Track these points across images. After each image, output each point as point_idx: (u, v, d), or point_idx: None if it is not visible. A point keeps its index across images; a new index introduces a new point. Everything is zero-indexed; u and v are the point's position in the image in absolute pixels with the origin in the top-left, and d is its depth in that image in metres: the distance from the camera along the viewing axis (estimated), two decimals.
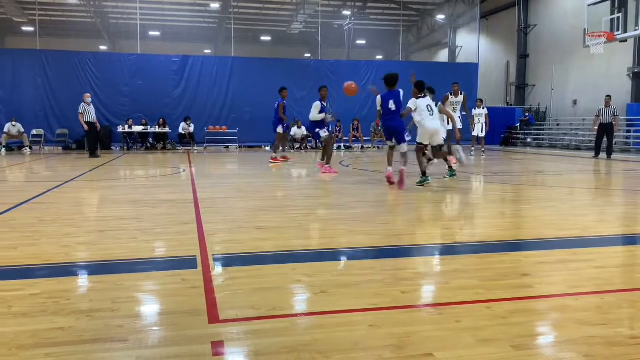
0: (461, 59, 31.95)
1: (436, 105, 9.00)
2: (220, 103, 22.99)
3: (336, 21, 33.73)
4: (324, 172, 10.45)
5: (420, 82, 8.63)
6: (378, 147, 19.59)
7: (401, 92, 8.48)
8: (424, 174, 8.16)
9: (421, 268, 3.55)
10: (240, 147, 22.57)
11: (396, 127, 8.25)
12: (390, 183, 7.99)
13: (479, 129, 16.24)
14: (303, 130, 21.61)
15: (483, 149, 16.16)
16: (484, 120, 16.22)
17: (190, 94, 22.67)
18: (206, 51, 36.35)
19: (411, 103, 8.33)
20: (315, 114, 11.23)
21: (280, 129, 13.71)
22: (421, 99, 8.39)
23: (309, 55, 37.07)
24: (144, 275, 3.38)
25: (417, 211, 6.05)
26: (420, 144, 8.32)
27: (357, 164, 13.24)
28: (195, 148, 20.93)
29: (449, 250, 4.20)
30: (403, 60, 30.92)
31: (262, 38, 38.55)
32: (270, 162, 13.39)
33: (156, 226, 4.94)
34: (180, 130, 21.23)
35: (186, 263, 3.61)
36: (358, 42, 37.54)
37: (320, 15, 28.23)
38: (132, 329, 2.42)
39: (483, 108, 16.64)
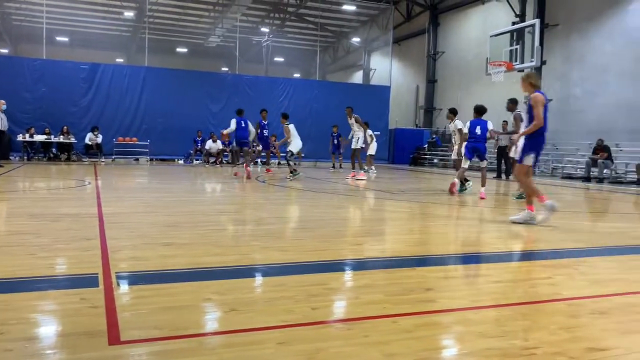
0: (375, 81, 33.07)
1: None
2: (131, 113, 22.18)
3: (254, 37, 33.78)
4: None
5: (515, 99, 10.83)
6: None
7: (489, 122, 10.32)
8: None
9: (332, 284, 3.58)
10: (151, 159, 21.82)
11: (480, 148, 10.06)
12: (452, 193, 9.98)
13: (374, 148, 17.27)
14: (219, 145, 21.31)
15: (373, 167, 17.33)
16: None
17: (99, 103, 21.69)
18: (118, 60, 35.01)
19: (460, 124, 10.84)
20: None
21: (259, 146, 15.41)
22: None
23: (226, 69, 36.74)
24: (39, 294, 3.14)
25: (330, 227, 6.12)
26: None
27: (274, 180, 13.23)
28: (103, 159, 20.00)
29: (359, 265, 4.28)
30: (320, 79, 31.47)
31: (178, 49, 37.79)
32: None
33: (56, 242, 4.63)
34: (87, 141, 20.23)
35: (87, 281, 3.41)
36: (276, 59, 37.81)
37: (239, 30, 28.13)
38: (23, 353, 2.24)
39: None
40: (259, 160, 21.68)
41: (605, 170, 16.14)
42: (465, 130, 10.26)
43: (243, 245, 4.83)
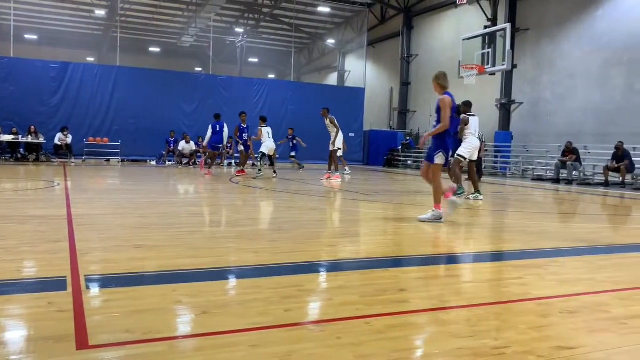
0: (349, 83, 33.22)
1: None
2: (102, 113, 21.81)
3: (229, 37, 33.58)
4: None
5: (468, 102, 10.43)
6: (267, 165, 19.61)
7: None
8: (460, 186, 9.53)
9: (306, 285, 3.57)
10: (122, 160, 21.48)
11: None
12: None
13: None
14: (192, 146, 21.11)
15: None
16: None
17: (69, 102, 21.26)
18: (89, 59, 34.42)
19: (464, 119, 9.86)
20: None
21: (241, 147, 15.19)
22: (472, 117, 10.01)
23: (200, 69, 36.44)
24: (4, 298, 3.05)
25: (304, 229, 6.11)
26: (461, 156, 9.80)
27: (247, 181, 13.15)
28: (73, 160, 19.60)
29: (333, 267, 4.28)
30: (295, 80, 31.46)
31: (151, 49, 37.35)
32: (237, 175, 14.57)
33: (22, 244, 4.51)
34: (57, 141, 19.80)
35: (54, 285, 3.33)
36: (251, 59, 37.67)
37: (212, 30, 27.95)
38: None
39: None
40: (232, 161, 21.56)
41: (574, 172, 16.51)
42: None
43: (216, 247, 4.78)
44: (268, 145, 15.01)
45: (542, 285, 3.81)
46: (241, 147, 15.91)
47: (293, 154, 20.25)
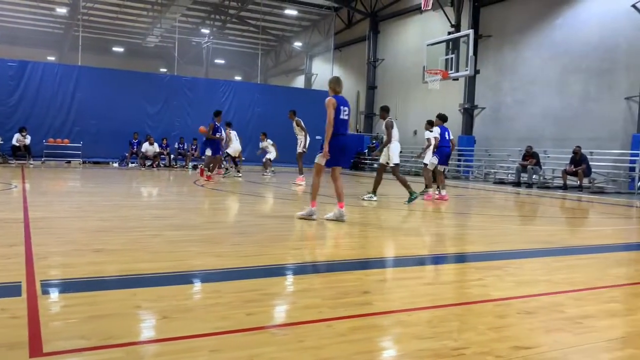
0: (317, 85, 33.30)
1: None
2: (62, 114, 21.25)
3: (194, 38, 33.24)
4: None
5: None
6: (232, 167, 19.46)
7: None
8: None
9: (269, 289, 3.55)
10: (84, 162, 20.97)
11: (450, 153, 11.10)
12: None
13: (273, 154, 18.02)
14: (155, 147, 20.77)
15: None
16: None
17: (27, 102, 20.63)
18: (49, 58, 33.54)
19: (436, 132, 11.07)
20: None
21: (209, 151, 13.92)
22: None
23: (165, 70, 35.94)
24: None
25: (269, 232, 6.08)
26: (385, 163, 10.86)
27: (211, 184, 13.01)
28: (31, 162, 19.02)
29: (297, 270, 4.27)
30: (261, 82, 31.35)
31: (114, 48, 36.66)
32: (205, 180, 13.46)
33: None
34: (14, 142, 19.18)
35: (8, 290, 3.22)
36: (217, 61, 37.37)
37: (178, 31, 27.61)
38: None
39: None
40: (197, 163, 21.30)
41: (534, 176, 16.95)
42: (436, 136, 11.05)
43: (177, 251, 4.71)
44: (235, 147, 15.74)
45: (501, 286, 3.89)
46: (209, 152, 14.51)
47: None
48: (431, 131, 12.43)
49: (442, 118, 11.33)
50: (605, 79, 17.03)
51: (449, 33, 20.45)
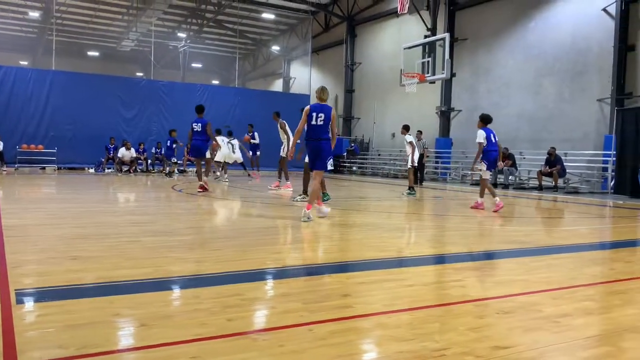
0: (295, 89, 33.30)
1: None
2: (36, 120, 20.85)
3: (171, 42, 32.97)
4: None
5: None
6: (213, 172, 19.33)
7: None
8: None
9: (249, 294, 3.53)
10: (59, 168, 20.61)
11: (497, 157, 10.04)
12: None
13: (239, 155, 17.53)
14: (132, 152, 20.51)
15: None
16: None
17: (0, 108, 20.20)
18: (22, 62, 32.95)
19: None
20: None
21: (208, 153, 12.63)
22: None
23: (141, 74, 35.56)
24: None
25: (249, 236, 6.05)
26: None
27: (190, 189, 12.90)
28: (5, 168, 18.64)
29: (277, 274, 4.26)
30: (239, 86, 31.21)
31: (89, 53, 36.15)
32: (199, 190, 11.54)
33: None
34: None
35: None
36: (194, 65, 37.12)
37: (154, 35, 27.35)
38: None
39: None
40: (183, 168, 21.14)
41: (510, 177, 17.19)
42: (481, 140, 9.70)
43: (156, 257, 4.65)
44: (223, 152, 15.85)
45: (480, 286, 3.94)
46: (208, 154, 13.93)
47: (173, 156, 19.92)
48: (409, 135, 12.80)
49: (486, 119, 9.92)
50: (578, 81, 17.37)
51: (425, 36, 20.65)
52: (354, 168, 25.81)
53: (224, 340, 2.60)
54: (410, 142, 12.80)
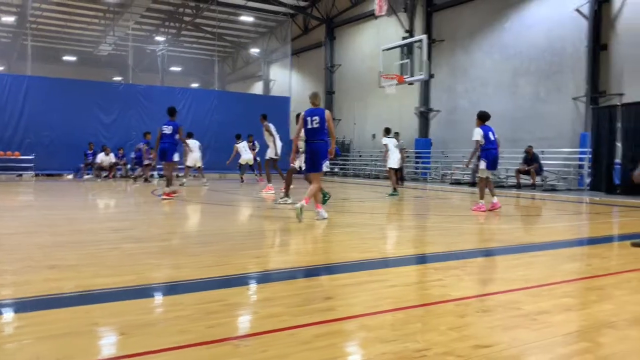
0: (275, 92, 33.24)
1: None
2: (12, 126, 20.46)
3: (149, 46, 32.68)
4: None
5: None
6: (194, 176, 19.20)
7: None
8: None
9: (231, 299, 3.51)
10: (36, 175, 20.26)
11: (497, 155, 9.62)
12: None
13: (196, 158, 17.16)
14: (111, 158, 20.26)
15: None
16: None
17: None
18: None
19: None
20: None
21: (176, 157, 11.94)
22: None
23: (119, 78, 35.17)
24: None
25: (230, 241, 6.03)
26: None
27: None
28: None
29: (259, 278, 4.24)
30: (219, 89, 31.05)
31: (66, 57, 35.64)
32: (164, 197, 11.12)
33: None
34: None
35: None
36: (173, 68, 36.83)
37: (131, 39, 27.06)
38: None
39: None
40: (156, 172, 20.90)
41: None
42: (477, 138, 9.43)
43: (136, 264, 4.60)
44: (194, 156, 15.90)
45: (461, 285, 3.97)
46: (177, 157, 13.02)
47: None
48: (384, 137, 13.27)
49: (483, 117, 9.64)
50: (554, 80, 17.65)
51: (403, 38, 20.81)
52: (336, 169, 25.85)
53: (206, 347, 2.58)
54: (385, 145, 13.07)
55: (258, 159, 18.44)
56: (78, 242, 5.71)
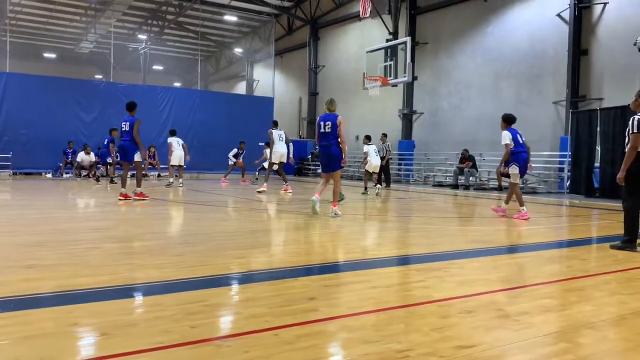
0: (258, 92, 33.15)
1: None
2: None
3: (131, 44, 32.37)
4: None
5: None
6: (176, 176, 19.04)
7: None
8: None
9: (213, 300, 3.48)
10: (14, 173, 19.93)
11: (527, 159, 9.24)
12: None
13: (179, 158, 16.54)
14: (92, 157, 19.99)
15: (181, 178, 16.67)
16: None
17: None
18: None
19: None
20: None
21: (138, 156, 10.63)
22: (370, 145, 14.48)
23: (100, 76, 34.77)
24: None
25: (213, 241, 5.98)
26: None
27: (153, 193, 12.66)
28: None
29: (242, 279, 4.22)
30: (202, 89, 30.86)
31: (46, 55, 35.16)
32: (136, 198, 10.66)
33: None
34: None
35: None
36: (155, 67, 36.54)
37: (113, 37, 26.76)
38: None
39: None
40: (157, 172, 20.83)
41: (470, 178, 17.54)
42: (507, 142, 9.14)
43: (116, 264, 4.54)
44: (177, 154, 15.79)
45: (443, 287, 3.99)
46: (138, 157, 11.01)
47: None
48: (369, 145, 14.44)
49: (509, 119, 9.37)
50: (535, 84, 17.89)
51: (387, 40, 20.89)
52: (319, 170, 25.85)
53: (187, 348, 2.56)
54: (365, 152, 14.54)
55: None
56: (57, 242, 5.62)
